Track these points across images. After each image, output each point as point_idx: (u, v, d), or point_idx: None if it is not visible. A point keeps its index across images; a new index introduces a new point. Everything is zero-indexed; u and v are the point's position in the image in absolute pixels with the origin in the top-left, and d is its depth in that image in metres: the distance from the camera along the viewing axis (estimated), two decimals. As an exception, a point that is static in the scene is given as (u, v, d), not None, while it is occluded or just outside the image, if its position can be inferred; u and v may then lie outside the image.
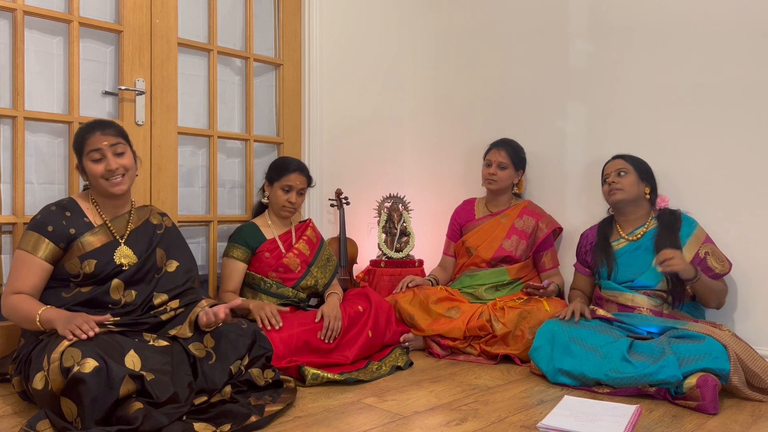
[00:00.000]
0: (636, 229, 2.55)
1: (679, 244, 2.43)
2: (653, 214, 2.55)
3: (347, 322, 2.45)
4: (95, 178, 2.02)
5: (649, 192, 2.55)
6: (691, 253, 2.42)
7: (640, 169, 2.54)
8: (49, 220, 1.97)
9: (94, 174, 2.01)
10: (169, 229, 2.22)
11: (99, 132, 2.01)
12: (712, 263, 2.40)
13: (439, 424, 1.84)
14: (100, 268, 2.00)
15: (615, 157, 2.62)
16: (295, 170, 2.63)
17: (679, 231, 2.46)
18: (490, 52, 3.33)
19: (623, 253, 2.53)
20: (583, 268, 2.71)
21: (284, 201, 2.61)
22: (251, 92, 2.99)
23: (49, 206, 2.02)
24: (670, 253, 2.28)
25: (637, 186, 2.52)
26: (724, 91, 2.57)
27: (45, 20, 2.42)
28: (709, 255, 2.42)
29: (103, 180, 2.01)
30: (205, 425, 1.69)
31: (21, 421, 1.77)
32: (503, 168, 2.93)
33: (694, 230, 2.47)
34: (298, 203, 2.64)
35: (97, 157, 2.00)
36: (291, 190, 2.62)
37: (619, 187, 2.51)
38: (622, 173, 2.52)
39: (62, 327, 1.75)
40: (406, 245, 3.26)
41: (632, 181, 2.52)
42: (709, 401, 1.94)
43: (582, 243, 2.73)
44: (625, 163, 2.54)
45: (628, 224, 2.58)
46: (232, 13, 2.99)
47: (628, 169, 2.52)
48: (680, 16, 2.68)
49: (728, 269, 2.43)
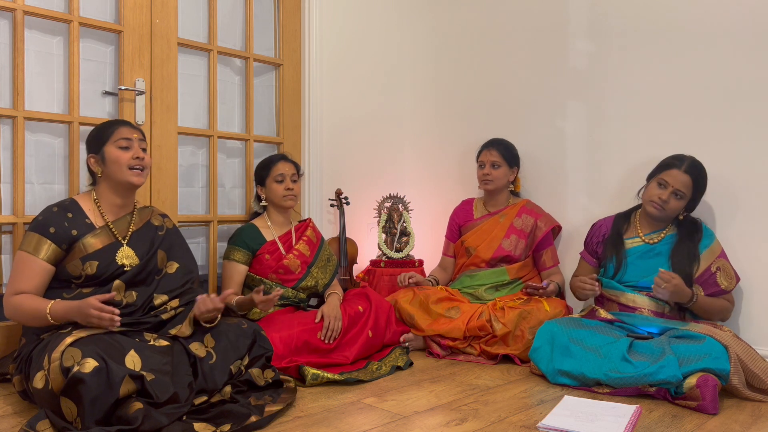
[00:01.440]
0: (654, 232, 2.51)
1: (698, 253, 2.40)
2: (674, 221, 2.51)
3: (347, 322, 2.45)
4: (119, 165, 2.03)
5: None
6: (704, 266, 2.40)
7: (697, 188, 2.42)
8: (51, 222, 1.97)
9: (120, 161, 2.03)
10: (170, 230, 2.22)
11: (128, 126, 2.11)
12: (721, 280, 2.39)
13: (439, 424, 1.84)
14: (102, 270, 2.00)
15: (672, 167, 2.41)
16: (279, 160, 2.68)
17: (699, 242, 2.42)
18: (490, 52, 3.33)
19: (635, 252, 2.51)
20: (591, 258, 2.68)
21: (282, 191, 2.62)
22: (251, 92, 2.99)
23: (50, 207, 2.02)
24: (668, 279, 2.27)
25: (684, 205, 2.44)
26: (724, 91, 2.57)
27: (45, 20, 2.42)
28: (719, 271, 2.40)
29: (127, 169, 2.04)
30: (205, 425, 1.70)
31: (21, 421, 1.77)
32: (497, 167, 2.94)
33: (712, 243, 2.43)
34: (297, 189, 2.66)
35: (125, 144, 2.05)
36: (284, 178, 2.63)
37: (667, 207, 2.41)
38: (679, 195, 2.40)
39: (84, 317, 1.81)
40: (406, 245, 3.26)
41: (682, 206, 2.44)
42: (709, 401, 1.94)
43: (593, 232, 2.69)
44: (684, 185, 2.38)
45: (648, 225, 2.54)
46: (232, 13, 2.99)
47: (683, 194, 2.39)
48: (680, 17, 2.68)
49: (734, 286, 2.41)
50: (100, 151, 2.05)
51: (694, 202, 2.46)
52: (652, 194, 2.44)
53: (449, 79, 3.52)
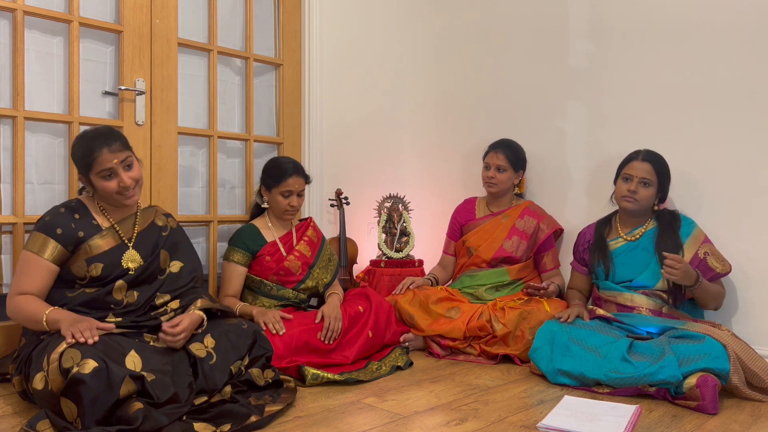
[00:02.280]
0: (635, 229, 2.55)
1: (680, 242, 2.43)
2: (652, 215, 2.56)
3: (347, 323, 2.45)
4: (108, 193, 2.00)
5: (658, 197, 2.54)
6: (690, 253, 2.43)
7: (661, 174, 2.50)
8: (58, 222, 1.96)
9: (108, 191, 1.99)
10: (174, 230, 2.22)
11: (106, 149, 1.95)
12: (713, 263, 2.41)
13: (439, 424, 1.84)
14: (107, 272, 2.00)
15: (631, 160, 2.53)
16: (292, 174, 2.57)
17: (679, 230, 2.46)
18: (490, 52, 3.33)
19: (620, 252, 2.54)
20: (581, 267, 2.71)
21: (285, 206, 2.58)
22: (251, 92, 2.99)
23: (57, 208, 2.01)
24: (677, 261, 2.26)
25: (654, 193, 2.50)
26: (725, 91, 2.57)
27: (45, 20, 2.42)
28: (708, 255, 2.42)
29: (116, 194, 2.00)
30: (205, 425, 1.70)
31: (21, 421, 1.77)
32: (502, 171, 2.93)
33: (693, 230, 2.48)
34: (300, 204, 2.62)
35: (108, 174, 1.97)
36: (291, 194, 2.58)
37: (638, 197, 2.47)
38: (646, 182, 2.47)
39: (65, 328, 1.75)
40: (406, 245, 3.26)
41: (652, 194, 2.49)
42: (708, 401, 1.94)
43: (579, 241, 2.73)
44: (647, 172, 2.47)
45: (628, 224, 2.58)
46: (232, 13, 2.99)
47: (649, 181, 2.47)
48: (680, 17, 2.68)
49: (729, 269, 2.43)
50: (87, 176, 2.01)
51: (664, 190, 2.52)
52: (621, 189, 2.52)
53: (449, 78, 3.52)
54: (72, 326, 1.75)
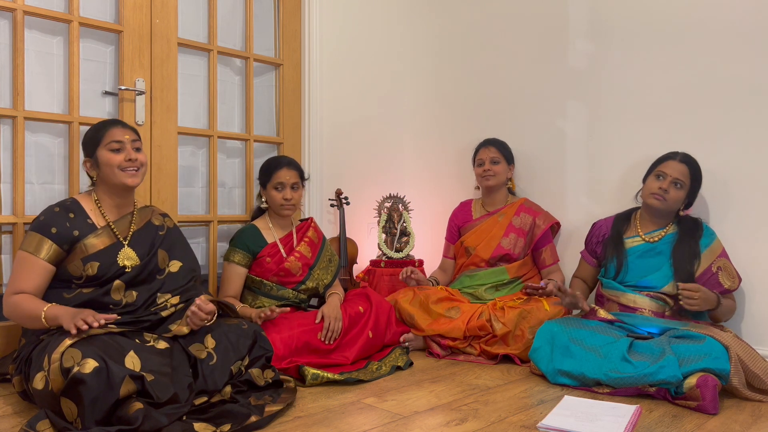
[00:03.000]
0: (655, 230, 2.51)
1: (698, 252, 2.40)
2: (674, 219, 2.52)
3: (348, 323, 2.45)
4: (111, 167, 2.02)
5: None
6: (704, 266, 2.40)
7: (694, 178, 2.46)
8: (53, 222, 1.97)
9: (112, 163, 2.02)
10: (171, 229, 2.22)
11: (120, 126, 2.08)
12: (723, 279, 2.38)
13: (439, 424, 1.84)
14: (103, 270, 2.00)
15: (668, 158, 2.47)
16: (283, 166, 2.58)
17: (699, 240, 2.42)
18: (490, 52, 3.33)
19: (636, 251, 2.50)
20: (591, 258, 2.69)
21: (280, 199, 2.58)
22: (251, 92, 2.99)
23: (52, 207, 2.02)
24: (694, 290, 2.25)
25: (683, 196, 2.47)
26: (725, 91, 2.57)
27: (45, 20, 2.42)
28: (721, 270, 2.39)
29: (119, 170, 2.02)
30: (205, 425, 1.70)
31: (21, 421, 1.77)
32: (496, 162, 2.96)
33: (712, 243, 2.43)
34: (295, 198, 2.60)
35: (116, 147, 2.03)
36: (283, 187, 2.57)
37: (668, 197, 2.43)
38: (678, 184, 2.43)
39: (67, 321, 1.76)
40: (406, 245, 3.26)
41: (682, 197, 2.46)
42: (709, 401, 1.94)
43: (594, 232, 2.69)
44: (682, 174, 2.43)
45: (649, 224, 2.54)
46: (232, 13, 2.99)
47: (682, 183, 2.43)
48: (680, 17, 2.68)
49: (737, 286, 2.41)
50: (94, 154, 2.04)
51: (693, 195, 2.48)
52: (652, 186, 2.46)
53: (449, 78, 3.52)
54: (74, 318, 1.75)
